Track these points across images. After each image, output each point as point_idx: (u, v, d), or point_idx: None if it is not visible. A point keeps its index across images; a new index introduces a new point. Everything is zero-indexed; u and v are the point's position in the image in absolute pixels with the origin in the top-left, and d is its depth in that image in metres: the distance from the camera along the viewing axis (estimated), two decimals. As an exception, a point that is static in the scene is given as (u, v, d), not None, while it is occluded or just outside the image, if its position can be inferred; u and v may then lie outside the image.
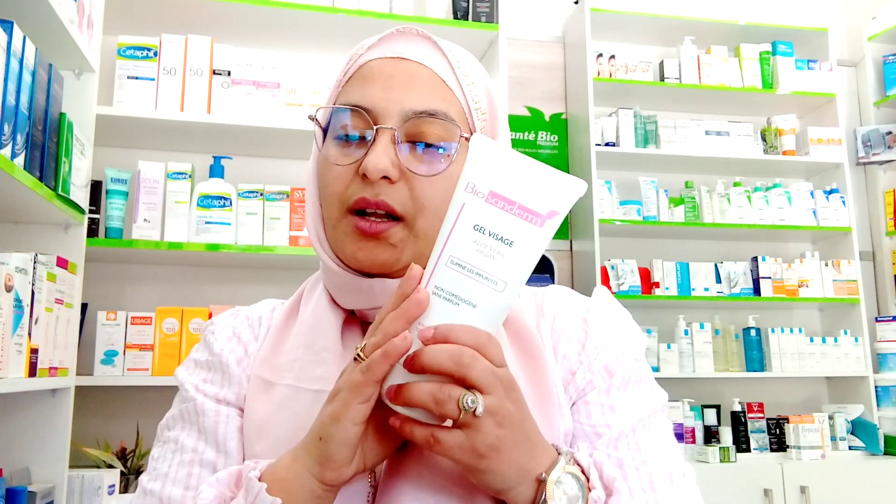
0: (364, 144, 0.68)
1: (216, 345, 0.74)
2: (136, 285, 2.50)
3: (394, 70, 0.70)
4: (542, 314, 0.74)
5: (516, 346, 0.69)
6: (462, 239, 0.57)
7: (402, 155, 0.68)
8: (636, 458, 0.66)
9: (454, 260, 0.57)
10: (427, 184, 0.68)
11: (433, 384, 0.55)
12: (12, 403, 1.76)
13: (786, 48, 3.20)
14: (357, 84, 0.71)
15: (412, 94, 0.69)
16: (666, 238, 3.14)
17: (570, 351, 0.71)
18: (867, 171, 3.42)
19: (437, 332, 0.55)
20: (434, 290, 0.57)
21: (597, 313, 0.73)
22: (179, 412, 0.72)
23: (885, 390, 2.96)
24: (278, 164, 2.63)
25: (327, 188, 0.70)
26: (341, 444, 0.56)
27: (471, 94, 0.72)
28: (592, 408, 0.68)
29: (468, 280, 0.57)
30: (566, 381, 0.70)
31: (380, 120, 0.68)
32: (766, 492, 2.55)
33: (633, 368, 0.71)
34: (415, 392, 0.55)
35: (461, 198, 0.58)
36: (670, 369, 2.81)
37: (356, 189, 0.68)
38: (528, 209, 0.57)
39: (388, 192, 0.67)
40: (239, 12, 2.42)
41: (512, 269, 0.57)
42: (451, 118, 0.69)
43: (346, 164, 0.69)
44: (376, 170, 0.65)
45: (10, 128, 1.37)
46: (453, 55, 0.73)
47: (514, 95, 3.09)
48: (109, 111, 2.19)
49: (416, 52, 0.71)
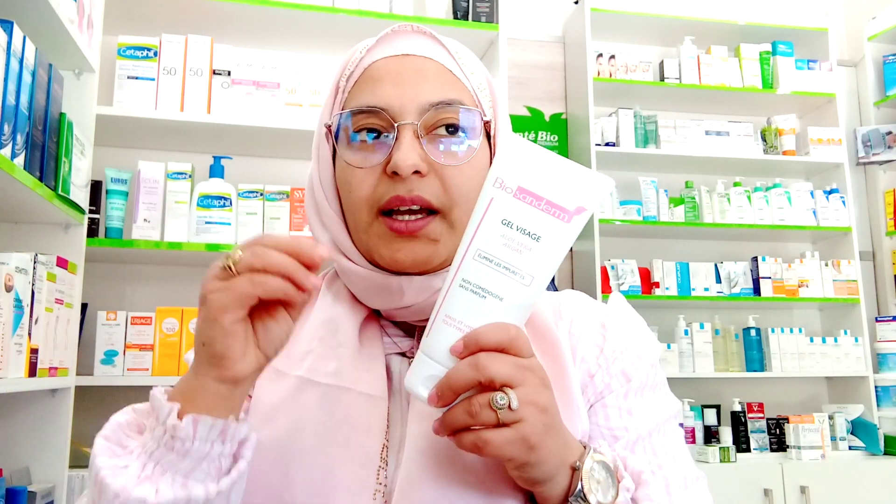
0: (383, 145, 0.68)
1: None
2: (136, 285, 2.50)
3: (400, 67, 0.69)
4: (560, 317, 0.74)
5: (539, 346, 0.69)
6: (490, 233, 0.58)
7: (428, 148, 0.67)
8: (652, 461, 0.67)
9: (482, 253, 0.58)
10: (457, 173, 0.68)
11: (464, 401, 0.55)
12: (12, 403, 1.76)
13: (786, 48, 3.20)
14: (366, 86, 0.70)
15: (424, 87, 0.68)
16: (666, 238, 3.14)
17: (589, 354, 0.71)
18: (867, 171, 3.42)
19: (467, 340, 0.56)
20: (461, 282, 0.58)
21: (614, 319, 0.74)
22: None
23: (885, 390, 2.96)
24: (278, 164, 2.63)
25: (352, 193, 0.69)
26: (225, 339, 0.54)
27: (475, 82, 0.72)
28: (610, 410, 0.69)
29: (495, 273, 0.57)
30: (584, 383, 0.70)
31: (398, 118, 0.67)
32: (766, 492, 2.55)
33: (650, 374, 0.72)
34: (453, 418, 0.55)
35: (489, 192, 0.59)
36: (670, 369, 2.81)
37: (386, 189, 0.67)
38: (556, 205, 0.58)
39: (421, 186, 0.66)
40: (239, 12, 2.42)
41: (539, 263, 0.58)
42: (466, 104, 0.70)
43: (369, 166, 0.68)
44: (406, 165, 0.65)
45: (10, 128, 1.37)
46: (452, 47, 0.73)
47: (514, 95, 3.08)
48: (109, 111, 2.19)
49: (418, 47, 0.71)
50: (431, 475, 0.62)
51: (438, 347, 0.58)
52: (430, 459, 0.62)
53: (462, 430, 0.55)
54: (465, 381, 0.55)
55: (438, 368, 0.57)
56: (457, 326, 0.57)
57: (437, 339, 0.58)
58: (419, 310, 0.70)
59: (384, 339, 0.72)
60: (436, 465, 0.62)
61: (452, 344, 0.57)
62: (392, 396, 0.68)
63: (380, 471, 0.64)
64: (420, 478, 0.62)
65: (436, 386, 0.56)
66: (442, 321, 0.58)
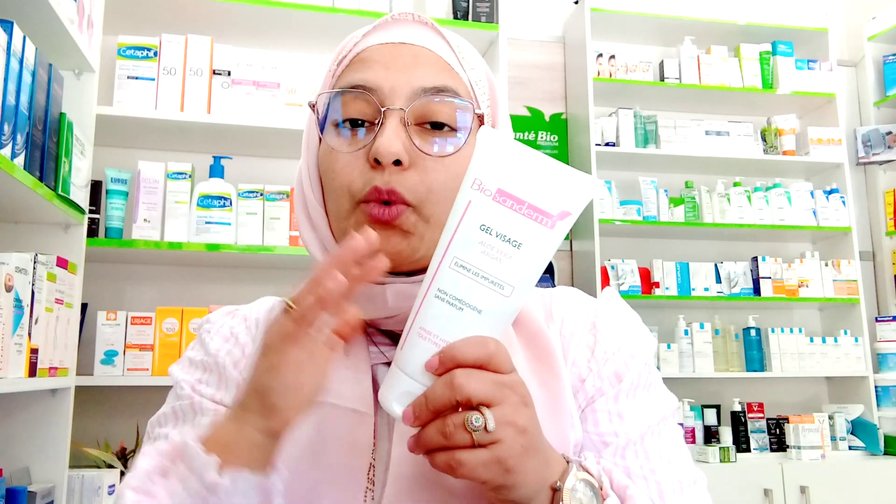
0: (370, 130, 0.65)
1: (212, 345, 0.72)
2: (136, 285, 2.50)
3: (395, 52, 0.66)
4: (550, 318, 0.71)
5: (530, 351, 0.67)
6: (467, 239, 0.54)
7: (414, 137, 0.64)
8: (644, 466, 0.64)
9: (458, 262, 0.54)
10: (441, 167, 0.64)
11: (438, 420, 0.52)
12: (12, 403, 1.76)
13: (786, 48, 3.20)
14: (357, 67, 0.67)
15: (418, 72, 0.65)
16: (666, 238, 3.14)
17: (580, 357, 0.69)
18: (867, 171, 3.42)
19: (443, 356, 0.53)
20: (437, 293, 0.54)
21: (606, 317, 0.71)
22: (172, 410, 0.69)
23: (885, 390, 2.96)
24: (278, 164, 2.63)
25: (334, 180, 0.66)
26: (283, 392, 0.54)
27: (474, 78, 0.69)
28: (600, 415, 0.66)
29: (473, 284, 0.53)
30: (575, 388, 0.67)
31: (386, 101, 0.64)
32: (766, 492, 2.55)
33: (643, 373, 0.69)
34: (426, 438, 0.53)
35: (467, 195, 0.54)
36: (670, 369, 2.81)
37: (367, 177, 0.64)
38: (539, 209, 0.54)
39: (399, 179, 0.63)
40: (239, 12, 2.42)
41: (520, 272, 0.54)
42: (461, 95, 0.66)
43: (352, 150, 0.65)
44: (388, 153, 0.62)
45: (10, 128, 1.37)
46: (453, 40, 0.70)
47: (514, 95, 3.08)
48: (109, 111, 2.19)
49: (416, 35, 0.68)
50: (414, 499, 0.60)
51: (413, 362, 0.54)
52: (413, 482, 0.61)
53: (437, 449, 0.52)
54: (442, 402, 0.52)
55: (413, 385, 0.54)
56: (432, 340, 0.54)
57: (411, 353, 0.54)
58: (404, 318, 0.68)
59: (370, 348, 0.69)
60: (419, 487, 0.60)
61: (427, 359, 0.53)
62: (378, 410, 0.65)
63: (366, 492, 0.62)
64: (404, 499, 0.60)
65: (411, 405, 0.53)
66: (416, 334, 0.54)
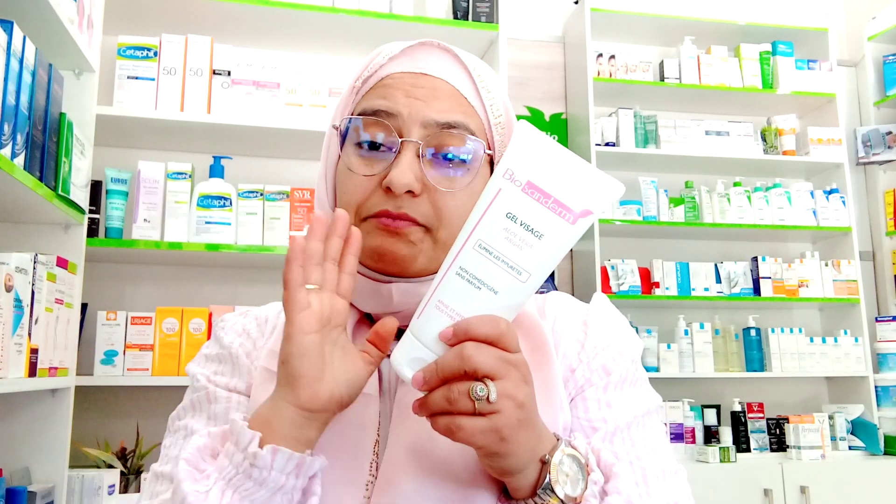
0: (387, 154, 0.70)
1: (226, 339, 0.77)
2: (136, 285, 2.50)
3: (415, 82, 0.71)
4: (543, 317, 0.76)
5: (526, 342, 0.71)
6: (493, 224, 0.57)
7: (426, 169, 0.69)
8: (630, 452, 0.68)
9: (482, 244, 0.57)
10: (449, 197, 0.69)
11: (444, 387, 0.56)
12: (12, 403, 1.76)
13: (786, 48, 3.20)
14: (380, 93, 0.72)
15: (435, 104, 0.70)
16: (666, 238, 3.14)
17: (570, 350, 0.74)
18: (867, 171, 3.42)
19: (457, 329, 0.57)
20: (458, 270, 0.58)
21: (596, 317, 0.77)
22: (190, 402, 0.74)
23: (885, 390, 2.96)
24: (278, 164, 2.62)
25: (346, 195, 0.72)
26: (301, 358, 0.58)
27: (491, 108, 0.74)
28: (590, 403, 0.71)
29: (493, 266, 0.57)
30: (565, 377, 0.72)
31: (404, 130, 0.69)
32: (766, 492, 2.55)
33: (630, 369, 0.74)
34: (432, 401, 0.57)
35: (497, 183, 0.58)
36: (670, 369, 2.81)
37: (378, 201, 0.69)
38: (563, 205, 0.57)
39: (411, 205, 0.68)
40: (239, 12, 2.42)
41: (538, 261, 0.57)
42: (473, 132, 0.71)
43: (368, 174, 0.70)
44: (401, 185, 0.67)
45: (10, 128, 1.37)
46: (475, 70, 0.74)
47: (514, 95, 3.08)
48: (109, 111, 2.19)
49: (438, 66, 0.73)
50: (410, 469, 0.64)
51: (427, 331, 0.58)
52: (410, 455, 0.65)
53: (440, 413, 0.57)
54: (451, 371, 0.56)
55: (425, 352, 0.58)
56: (448, 313, 0.58)
57: (427, 322, 0.58)
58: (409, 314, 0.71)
59: None
60: (415, 459, 0.65)
61: (442, 330, 0.57)
62: (382, 396, 0.70)
63: (372, 464, 0.67)
64: (399, 471, 0.64)
65: (423, 371, 0.57)
66: (434, 306, 0.58)
